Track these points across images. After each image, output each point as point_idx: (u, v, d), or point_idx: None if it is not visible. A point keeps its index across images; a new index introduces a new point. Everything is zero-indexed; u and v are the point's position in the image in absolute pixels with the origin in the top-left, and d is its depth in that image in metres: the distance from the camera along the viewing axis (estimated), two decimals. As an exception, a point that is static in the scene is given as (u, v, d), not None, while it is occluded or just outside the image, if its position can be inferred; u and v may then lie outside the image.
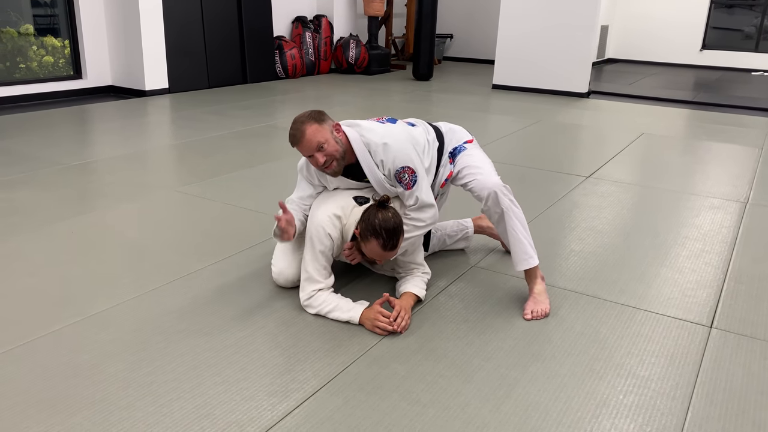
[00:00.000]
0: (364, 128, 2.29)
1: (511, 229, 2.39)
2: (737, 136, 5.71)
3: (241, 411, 1.76)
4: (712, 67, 11.44)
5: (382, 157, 2.23)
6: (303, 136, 2.17)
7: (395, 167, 2.24)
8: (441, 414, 1.78)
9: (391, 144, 2.23)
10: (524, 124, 5.96)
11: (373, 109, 6.43)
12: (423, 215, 2.32)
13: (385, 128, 2.29)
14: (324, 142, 2.18)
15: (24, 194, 3.53)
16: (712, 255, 2.96)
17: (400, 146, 2.25)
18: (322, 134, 2.18)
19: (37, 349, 2.03)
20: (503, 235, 2.44)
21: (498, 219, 2.41)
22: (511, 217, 2.38)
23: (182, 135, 5.10)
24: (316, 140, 2.17)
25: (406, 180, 2.26)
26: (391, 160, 2.23)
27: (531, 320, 2.31)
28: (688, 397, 1.89)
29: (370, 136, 2.25)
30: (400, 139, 2.27)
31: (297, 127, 2.19)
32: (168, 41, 6.90)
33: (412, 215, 2.31)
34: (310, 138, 2.17)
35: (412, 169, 2.25)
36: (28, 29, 6.27)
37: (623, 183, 4.10)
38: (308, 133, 2.16)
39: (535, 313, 2.33)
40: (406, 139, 2.29)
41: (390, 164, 2.24)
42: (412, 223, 2.31)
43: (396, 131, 2.30)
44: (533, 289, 2.41)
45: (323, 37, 8.98)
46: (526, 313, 2.34)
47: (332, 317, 2.25)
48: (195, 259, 2.75)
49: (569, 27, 7.48)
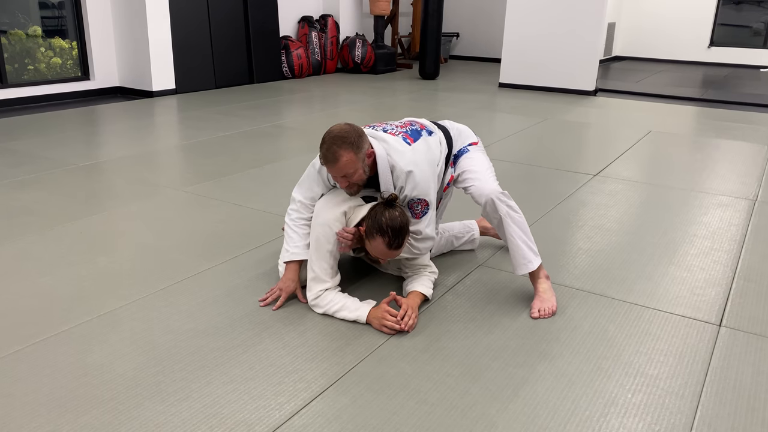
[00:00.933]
0: (391, 147, 2.25)
1: (509, 235, 2.39)
2: (746, 133, 5.68)
3: (248, 410, 1.77)
4: (720, 64, 11.37)
5: (403, 184, 2.24)
6: (336, 163, 2.11)
7: (412, 196, 2.26)
8: (448, 413, 1.78)
9: (416, 174, 2.22)
10: (531, 122, 5.95)
11: (380, 109, 6.43)
12: (421, 245, 2.37)
13: (412, 152, 2.25)
14: (352, 173, 2.15)
15: (33, 195, 3.55)
16: (721, 253, 2.94)
17: (423, 177, 2.24)
18: (353, 166, 2.13)
19: (47, 348, 2.05)
20: (503, 238, 2.45)
21: (498, 224, 2.43)
22: (509, 224, 2.38)
23: (190, 135, 5.12)
24: (345, 171, 2.13)
25: (418, 210, 2.29)
26: (411, 189, 2.24)
27: (538, 319, 2.31)
28: (697, 395, 1.88)
29: (397, 159, 2.22)
30: (424, 168, 2.25)
31: (333, 150, 2.10)
32: (175, 42, 6.92)
33: (411, 242, 2.35)
34: (341, 167, 2.12)
35: (426, 201, 2.28)
36: (36, 31, 6.31)
37: (631, 181, 4.08)
38: (342, 162, 2.11)
39: (542, 312, 2.33)
40: (429, 166, 2.28)
41: (408, 191, 2.25)
42: (408, 247, 2.35)
43: (421, 157, 2.26)
44: (538, 288, 2.41)
45: (329, 37, 8.98)
46: (533, 312, 2.34)
47: (339, 317, 2.26)
48: (203, 259, 2.76)
49: (576, 25, 7.45)
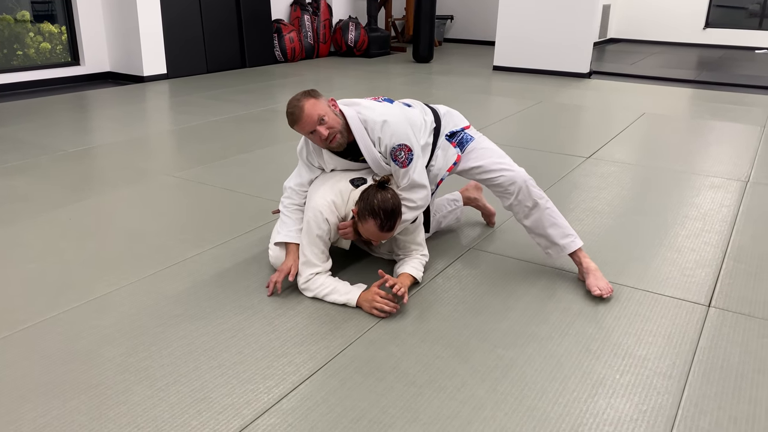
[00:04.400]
0: (362, 106, 2.28)
1: (548, 217, 2.41)
2: (739, 114, 5.67)
3: (237, 394, 1.77)
4: (715, 45, 11.32)
5: (380, 134, 2.23)
6: (302, 112, 2.16)
7: (392, 144, 2.23)
8: (437, 395, 1.78)
9: (390, 121, 2.23)
10: (525, 105, 5.93)
11: (374, 91, 6.39)
12: (414, 195, 2.31)
13: (383, 107, 2.29)
14: (324, 115, 2.18)
15: (23, 181, 3.53)
16: (712, 234, 2.95)
17: (398, 124, 2.24)
18: (321, 107, 2.19)
19: (36, 334, 2.04)
20: (536, 227, 2.45)
21: (528, 212, 2.43)
22: (545, 206, 2.42)
23: (180, 120, 5.08)
24: (316, 113, 2.16)
25: (401, 158, 2.24)
26: (389, 137, 2.22)
27: (601, 296, 2.30)
28: (684, 375, 1.89)
29: (368, 114, 2.25)
30: (398, 117, 2.27)
31: (294, 105, 2.19)
32: (165, 26, 6.85)
33: (404, 195, 2.29)
34: (309, 113, 2.16)
35: (408, 147, 2.24)
36: (25, 16, 6.23)
37: (623, 163, 4.08)
38: (307, 107, 2.16)
39: (603, 290, 2.31)
40: (403, 117, 2.29)
41: (387, 141, 2.23)
42: (404, 203, 2.30)
43: (394, 110, 2.30)
44: (589, 267, 2.40)
45: (322, 20, 8.91)
46: (594, 291, 2.32)
47: (330, 300, 2.25)
48: (193, 244, 2.75)
49: (570, 7, 7.40)
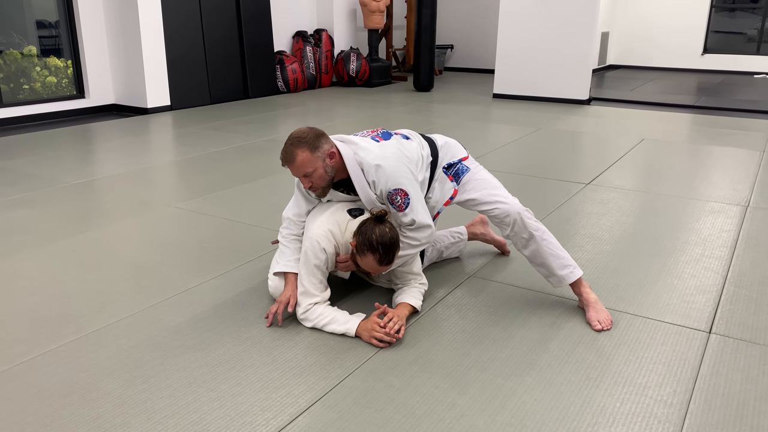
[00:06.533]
0: (359, 147, 2.27)
1: (545, 248, 2.41)
2: (739, 139, 5.69)
3: (235, 427, 1.76)
4: (714, 71, 11.42)
5: (374, 179, 2.24)
6: (293, 163, 2.19)
7: (387, 189, 2.24)
8: (436, 426, 1.77)
9: (384, 166, 2.22)
10: (525, 132, 5.97)
11: (375, 120, 6.45)
12: (419, 235, 2.33)
13: (380, 148, 2.27)
14: (312, 171, 2.19)
15: (26, 213, 3.56)
16: (712, 259, 2.94)
17: (393, 168, 2.24)
18: (312, 165, 2.18)
19: (35, 368, 2.04)
20: (534, 258, 2.44)
21: (525, 243, 2.43)
22: (543, 238, 2.41)
23: (183, 151, 5.13)
24: (304, 170, 2.19)
25: (398, 202, 2.26)
26: (384, 182, 2.23)
27: (601, 331, 2.29)
28: (685, 403, 1.88)
29: (364, 156, 2.24)
30: (393, 160, 2.25)
31: (290, 150, 2.19)
32: (169, 58, 6.96)
33: (408, 234, 2.32)
34: (298, 166, 2.19)
35: (404, 191, 2.25)
36: (32, 50, 6.34)
37: (623, 189, 4.09)
38: (297, 161, 2.18)
39: (603, 323, 2.31)
40: (399, 159, 2.28)
41: (383, 185, 2.24)
42: (407, 241, 2.32)
43: (390, 151, 2.28)
44: (589, 299, 2.39)
45: (324, 51, 9.03)
46: (594, 324, 2.31)
47: (329, 330, 2.25)
48: (193, 274, 2.76)
49: (568, 34, 7.49)
